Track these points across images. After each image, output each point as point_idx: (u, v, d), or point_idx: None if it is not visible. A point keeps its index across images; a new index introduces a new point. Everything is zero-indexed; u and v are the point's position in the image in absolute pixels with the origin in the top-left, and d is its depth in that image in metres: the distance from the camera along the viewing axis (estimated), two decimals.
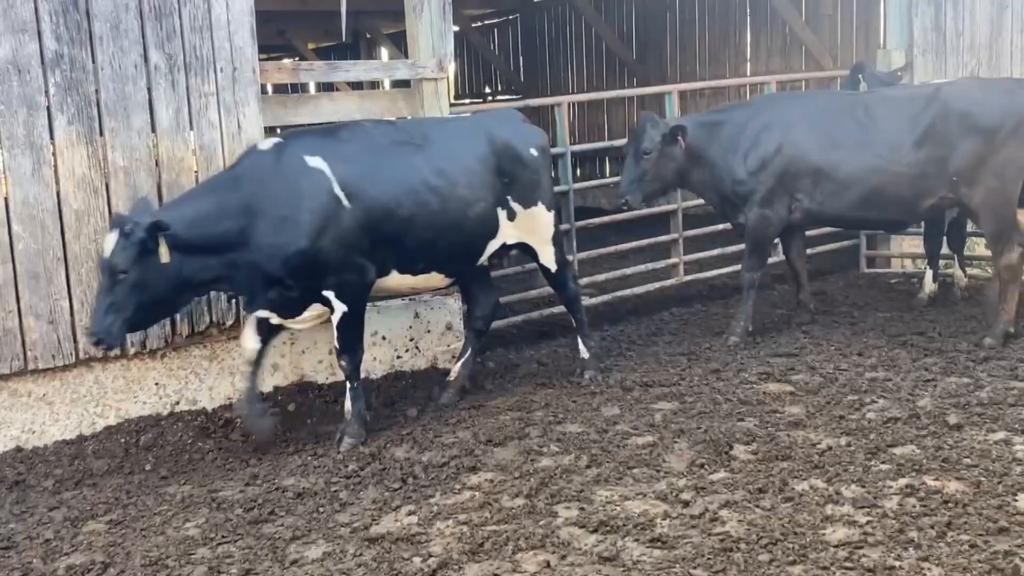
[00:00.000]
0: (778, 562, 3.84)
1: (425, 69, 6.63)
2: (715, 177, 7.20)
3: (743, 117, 7.21)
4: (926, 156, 6.74)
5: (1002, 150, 6.63)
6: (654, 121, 7.14)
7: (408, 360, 6.74)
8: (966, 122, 6.67)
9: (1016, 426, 5.09)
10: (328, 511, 4.66)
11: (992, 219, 6.76)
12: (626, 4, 16.36)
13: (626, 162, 7.25)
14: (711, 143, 7.16)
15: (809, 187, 7.00)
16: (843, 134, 6.93)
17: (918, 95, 6.97)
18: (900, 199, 6.92)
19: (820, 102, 7.36)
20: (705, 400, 5.85)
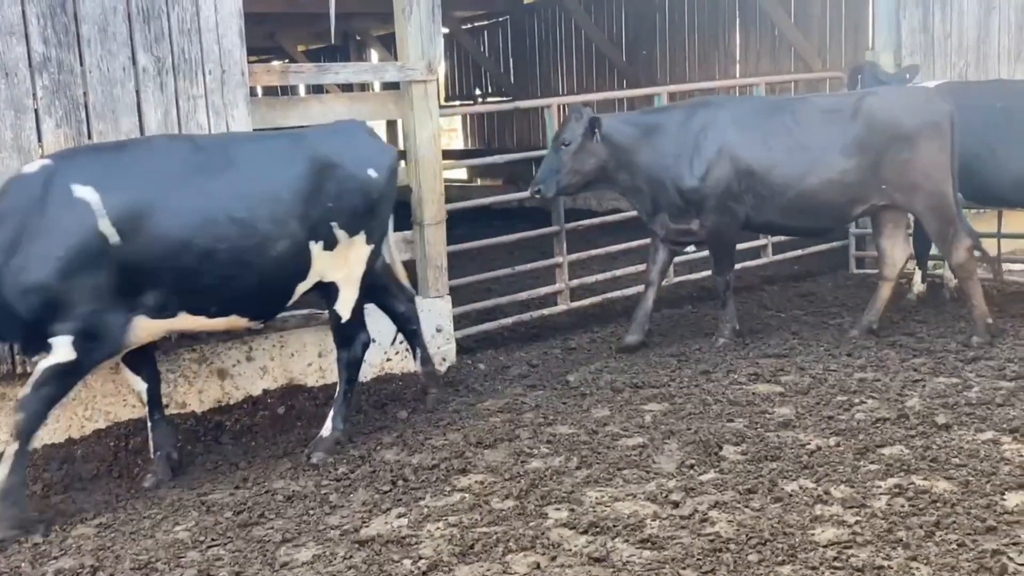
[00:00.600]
0: (767, 562, 3.85)
1: (414, 71, 6.63)
2: (653, 183, 7.06)
3: (676, 121, 7.08)
4: (855, 164, 6.77)
5: (925, 155, 6.77)
6: (579, 113, 7.00)
7: (397, 363, 6.73)
8: (889, 130, 6.76)
9: (1004, 426, 5.11)
10: (318, 514, 4.66)
11: (935, 221, 6.85)
12: (616, 6, 16.41)
13: (548, 152, 7.16)
14: (643, 146, 7.03)
15: (743, 189, 6.94)
16: (775, 139, 6.90)
17: (844, 104, 6.97)
18: (831, 206, 6.94)
19: (750, 107, 7.30)
20: (695, 401, 5.86)
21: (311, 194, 5.26)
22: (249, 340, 6.20)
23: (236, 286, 5.10)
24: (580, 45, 17.43)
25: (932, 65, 9.42)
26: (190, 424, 5.95)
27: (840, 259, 9.65)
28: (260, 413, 6.10)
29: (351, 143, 5.60)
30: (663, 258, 7.41)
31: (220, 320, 5.24)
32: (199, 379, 6.06)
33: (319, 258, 5.36)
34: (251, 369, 6.22)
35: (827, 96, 7.62)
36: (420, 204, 6.79)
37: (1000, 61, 10.07)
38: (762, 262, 9.29)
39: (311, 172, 5.28)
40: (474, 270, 8.15)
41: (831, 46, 12.67)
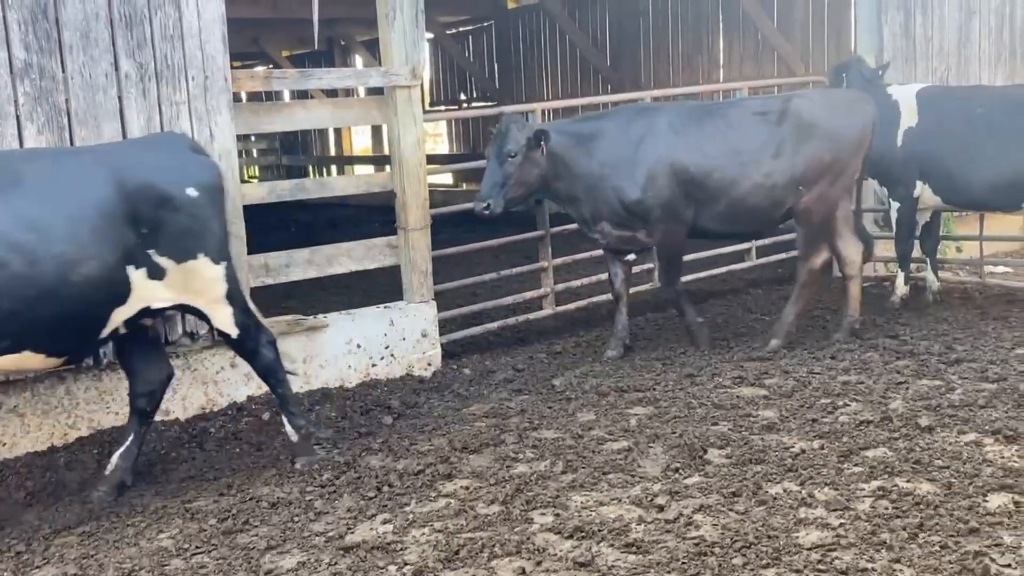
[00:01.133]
0: (752, 565, 3.86)
1: (398, 77, 6.63)
2: (592, 192, 6.91)
3: (613, 129, 6.94)
4: (782, 166, 6.79)
5: (843, 159, 6.86)
6: (519, 123, 6.85)
7: (383, 368, 6.73)
8: (815, 132, 6.82)
9: (986, 427, 5.14)
10: (303, 520, 4.64)
11: (815, 223, 6.94)
12: (600, 11, 16.45)
13: (488, 165, 6.84)
14: (580, 155, 6.87)
15: (683, 195, 6.87)
16: (710, 145, 6.84)
17: (771, 107, 6.96)
18: (761, 210, 6.94)
19: (685, 112, 7.11)
20: (680, 405, 5.87)
21: (121, 214, 4.77)
22: None
23: (30, 317, 4.57)
24: (564, 50, 17.46)
25: (914, 69, 9.48)
26: (174, 431, 5.92)
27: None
28: (245, 419, 6.08)
29: (167, 159, 5.09)
30: (621, 268, 7.30)
31: (8, 358, 4.67)
32: (183, 386, 6.04)
33: (143, 286, 4.89)
34: (235, 375, 6.20)
35: (757, 99, 7.54)
36: (404, 209, 6.80)
37: (981, 65, 10.14)
38: (746, 265, 9.33)
39: (115, 192, 4.76)
40: (459, 275, 8.15)
41: (814, 50, 12.74)
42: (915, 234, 8.06)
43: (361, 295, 9.28)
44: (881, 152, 7.92)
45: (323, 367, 6.49)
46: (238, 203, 6.12)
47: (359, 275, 7.18)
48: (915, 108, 7.80)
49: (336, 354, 6.53)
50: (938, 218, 8.22)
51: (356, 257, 6.71)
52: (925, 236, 8.17)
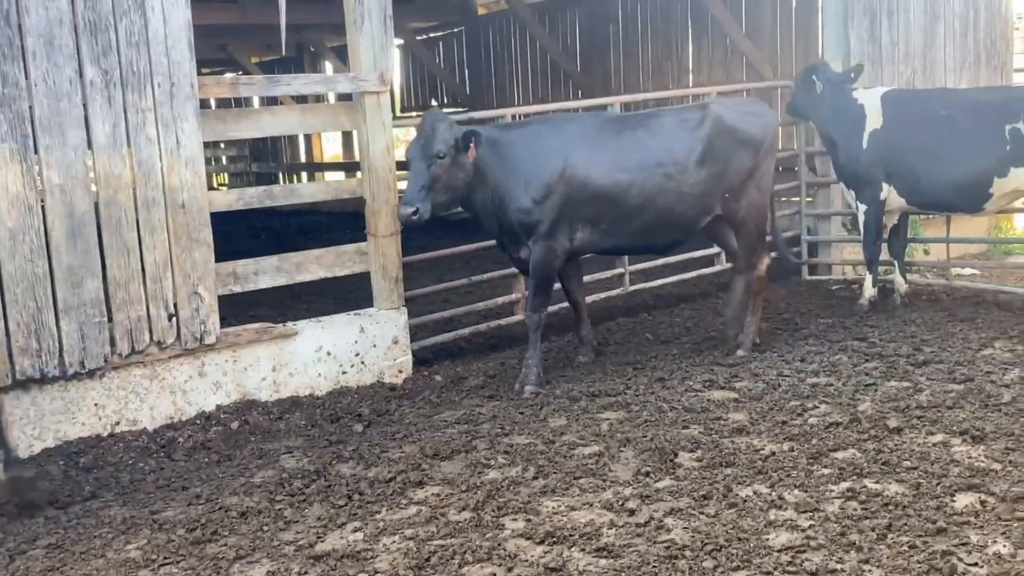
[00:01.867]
0: (722, 568, 3.87)
1: (367, 82, 6.61)
2: (496, 202, 6.49)
3: (523, 138, 6.56)
4: (707, 174, 6.71)
5: (763, 163, 6.90)
6: (446, 121, 6.33)
7: (354, 375, 6.69)
8: (736, 137, 6.80)
9: (954, 428, 5.19)
10: (272, 529, 4.61)
11: (754, 230, 6.97)
12: (570, 17, 16.50)
13: (412, 166, 6.26)
14: (494, 164, 6.44)
15: (593, 213, 6.54)
16: (627, 155, 6.60)
17: (691, 116, 6.85)
18: (686, 220, 6.82)
19: (597, 122, 6.86)
20: (651, 408, 5.88)
21: None
22: (202, 355, 6.13)
23: None
24: (535, 55, 17.49)
25: (880, 73, 9.57)
26: (142, 441, 5.86)
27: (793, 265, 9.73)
28: (214, 428, 6.03)
29: None
30: (573, 274, 7.09)
31: None
32: (150, 395, 5.98)
33: None
34: (204, 384, 6.15)
35: (674, 109, 7.28)
36: (374, 215, 6.77)
37: (946, 69, 10.25)
38: (716, 269, 9.36)
39: None
40: (431, 280, 8.13)
41: (782, 55, 12.83)
42: (883, 237, 8.13)
43: (332, 302, 9.22)
44: (848, 155, 8.01)
45: (293, 375, 6.45)
46: (205, 210, 6.08)
47: (330, 282, 7.13)
48: (880, 111, 7.87)
49: (306, 362, 6.50)
50: (905, 221, 8.29)
51: (326, 264, 6.68)
52: (893, 239, 8.24)
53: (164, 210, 5.95)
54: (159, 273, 5.95)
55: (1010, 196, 7.46)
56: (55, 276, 5.64)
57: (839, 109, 8.11)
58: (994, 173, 7.29)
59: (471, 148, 6.24)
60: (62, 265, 5.65)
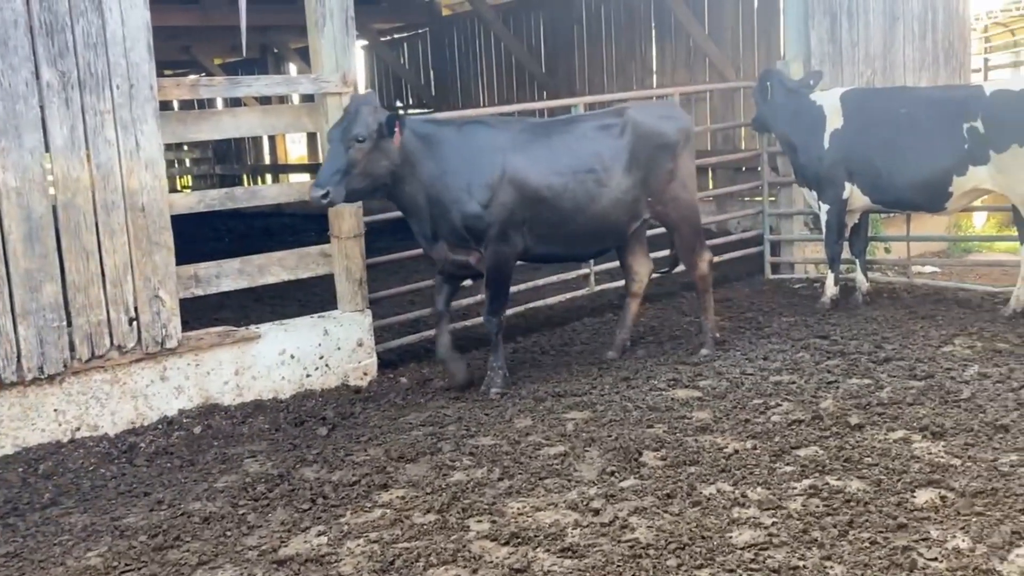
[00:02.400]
0: (686, 567, 3.88)
1: (329, 84, 6.58)
2: (432, 200, 6.30)
3: (458, 137, 6.41)
4: (633, 179, 6.69)
5: (681, 164, 6.93)
6: (372, 105, 6.10)
7: (318, 379, 6.65)
8: (656, 141, 6.79)
9: (914, 424, 5.25)
10: (235, 535, 4.57)
11: (689, 231, 7.01)
12: (534, 18, 16.52)
13: (330, 148, 6.08)
14: (428, 159, 6.27)
15: (530, 217, 6.44)
16: (560, 160, 6.51)
17: (612, 121, 6.79)
18: (617, 225, 6.78)
19: (530, 128, 6.71)
20: (616, 408, 5.90)
21: None
22: (163, 359, 6.07)
23: None
24: (500, 56, 17.49)
25: (840, 74, 9.67)
26: (103, 446, 5.79)
27: (756, 265, 9.83)
28: (176, 433, 5.97)
29: None
30: (447, 290, 6.74)
31: None
32: (112, 400, 5.91)
33: None
34: (166, 389, 6.09)
35: (596, 114, 7.15)
36: (338, 217, 6.73)
37: (905, 70, 10.38)
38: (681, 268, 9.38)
39: None
40: (396, 282, 8.10)
41: (744, 56, 12.91)
42: (845, 236, 8.20)
43: (297, 305, 9.19)
44: (809, 156, 8.08)
45: (256, 379, 6.40)
46: (166, 213, 6.02)
47: (295, 284, 7.10)
48: (840, 111, 7.95)
49: (269, 365, 6.45)
50: (866, 219, 8.38)
51: (288, 266, 6.63)
52: (854, 238, 8.32)
53: (124, 213, 5.88)
54: (119, 277, 5.89)
55: (970, 195, 7.55)
56: (12, 280, 5.56)
57: (797, 112, 8.19)
58: (953, 171, 7.37)
59: (396, 133, 6.04)
60: (19, 269, 5.57)
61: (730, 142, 12.93)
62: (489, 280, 6.50)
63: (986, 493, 4.34)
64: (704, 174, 13.50)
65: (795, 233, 9.76)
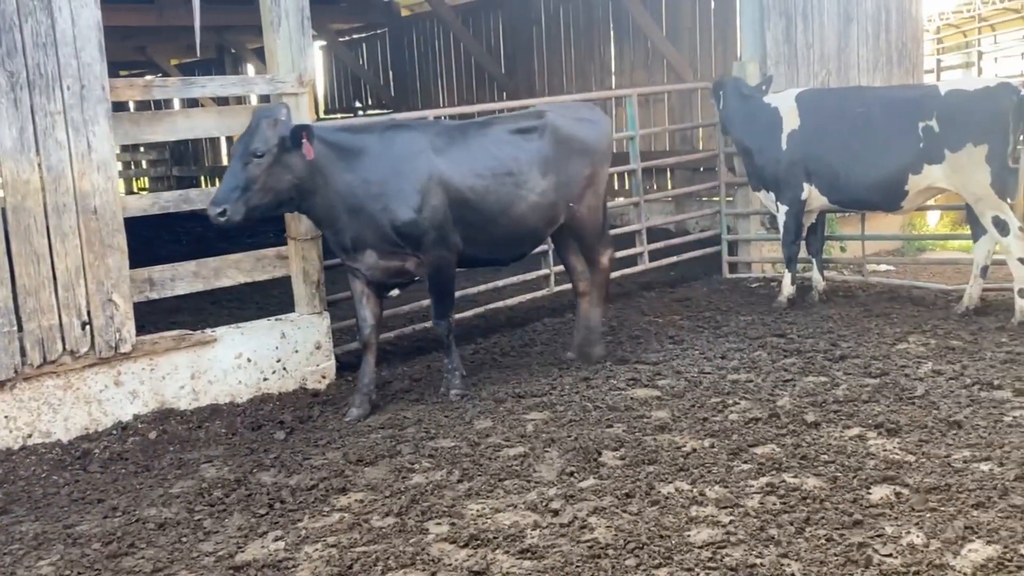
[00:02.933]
0: (644, 566, 3.89)
1: (284, 84, 6.52)
2: (357, 215, 6.03)
3: (377, 144, 6.16)
4: (552, 183, 6.58)
5: (600, 169, 6.91)
6: (273, 119, 5.84)
7: (275, 382, 6.59)
8: (573, 146, 6.71)
9: (869, 421, 5.31)
10: (191, 541, 4.51)
11: (592, 232, 6.96)
12: (494, 19, 16.51)
13: (231, 164, 5.89)
14: (342, 169, 6.01)
15: (455, 221, 6.27)
16: (481, 163, 6.35)
17: (531, 124, 6.67)
18: (536, 230, 6.68)
19: (444, 129, 6.57)
20: (575, 408, 5.91)
21: None
22: (117, 364, 5.98)
23: None
24: (459, 57, 17.47)
25: (796, 74, 9.76)
26: (55, 453, 5.70)
27: (714, 264, 9.89)
28: (131, 439, 5.89)
29: None
30: (374, 310, 6.37)
31: None
32: (64, 406, 5.82)
33: None
34: (120, 394, 6.00)
35: (515, 116, 6.97)
36: (294, 219, 6.67)
37: (860, 71, 10.50)
38: (640, 269, 9.45)
39: None
40: None
41: (702, 57, 12.99)
42: (801, 236, 8.28)
43: (255, 307, 9.11)
44: (766, 158, 8.15)
45: (212, 383, 6.32)
46: (119, 216, 5.93)
47: (253, 287, 7.03)
48: (796, 111, 8.02)
49: (226, 369, 6.38)
50: (823, 219, 8.46)
51: (245, 269, 6.56)
52: (811, 237, 8.40)
53: (76, 216, 5.79)
54: (71, 281, 5.79)
55: (925, 194, 7.63)
56: None
57: (751, 116, 8.27)
58: (909, 170, 7.45)
59: (304, 144, 5.77)
60: None
61: (688, 142, 13.00)
62: (433, 284, 6.35)
63: (940, 489, 4.40)
64: (663, 174, 13.61)
65: (752, 233, 9.84)
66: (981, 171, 7.11)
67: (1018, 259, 7.13)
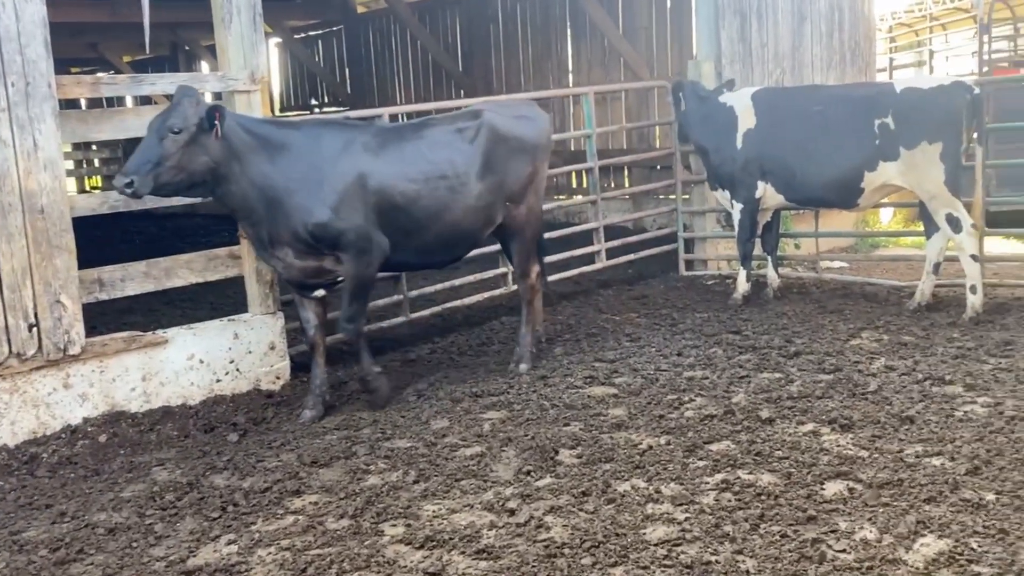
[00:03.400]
0: (600, 564, 3.88)
1: (236, 81, 6.43)
2: (274, 210, 5.88)
3: (303, 141, 6.01)
4: (489, 185, 6.47)
5: (540, 168, 6.85)
6: (195, 98, 5.71)
7: (228, 383, 6.50)
8: (512, 145, 6.61)
9: (823, 417, 5.35)
10: (142, 546, 4.43)
11: (531, 236, 6.88)
12: (450, 16, 16.46)
13: (145, 137, 5.66)
14: (263, 160, 5.86)
15: (382, 225, 6.11)
16: (413, 166, 6.22)
17: (466, 124, 6.55)
18: (471, 233, 6.57)
19: (377, 130, 6.39)
20: (533, 407, 5.89)
21: None
22: (66, 366, 5.87)
23: None
24: (416, 55, 17.39)
25: (751, 73, 9.82)
26: (1, 458, 5.57)
27: (671, 262, 9.93)
28: (80, 443, 5.77)
29: None
30: (316, 310, 6.29)
31: None
32: (11, 410, 5.69)
33: None
34: (69, 397, 5.88)
35: (451, 116, 6.79)
36: None
37: (814, 69, 10.60)
38: (597, 267, 9.46)
39: None
40: None
41: (658, 56, 13.04)
42: (757, 233, 8.33)
43: (208, 308, 9.00)
44: (723, 157, 8.19)
45: (164, 384, 6.22)
46: (67, 215, 5.81)
47: (207, 286, 6.93)
48: (752, 110, 8.07)
49: (177, 371, 6.27)
50: (778, 217, 8.52)
51: (196, 269, 6.46)
52: (766, 235, 8.46)
53: (22, 215, 5.66)
54: (17, 282, 5.66)
55: (880, 191, 7.71)
56: None
57: (707, 116, 8.32)
58: (864, 167, 7.52)
59: (216, 125, 5.61)
60: None
61: (645, 141, 13.05)
62: (349, 284, 6.12)
63: (892, 484, 4.44)
64: (620, 173, 13.64)
65: (708, 230, 9.89)
66: (935, 169, 7.20)
67: (970, 256, 7.23)
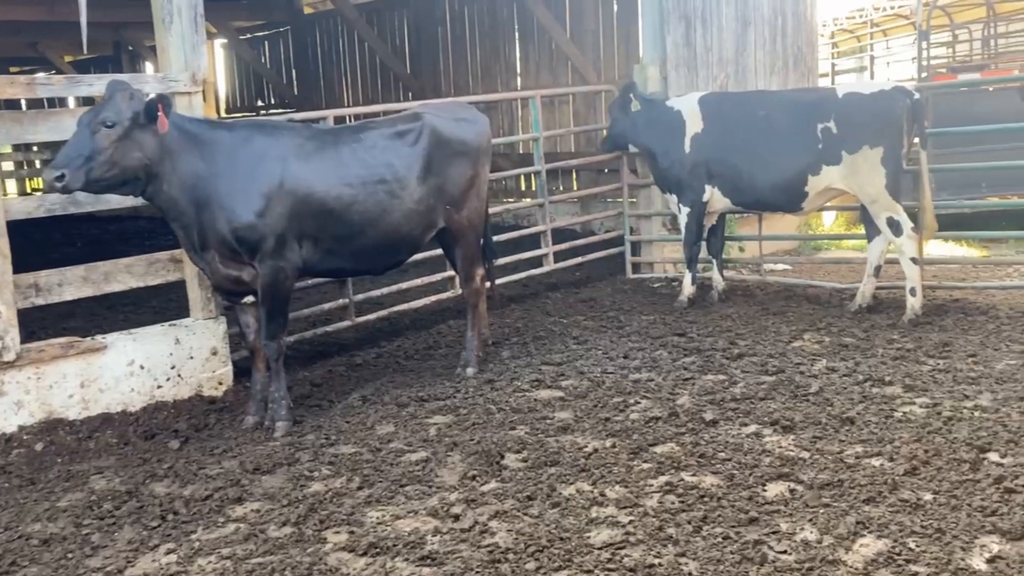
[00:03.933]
0: (545, 569, 3.88)
1: (177, 83, 6.33)
2: (198, 205, 5.70)
3: (232, 140, 5.85)
4: (429, 188, 6.40)
5: (481, 171, 6.83)
6: (129, 92, 5.51)
7: (169, 389, 6.39)
8: (453, 148, 6.55)
9: (765, 419, 5.40)
10: (78, 556, 4.34)
11: (474, 240, 6.83)
12: (398, 18, 16.40)
13: (76, 131, 5.47)
14: (194, 159, 5.69)
15: (314, 231, 5.97)
16: (348, 170, 6.08)
17: (407, 127, 6.45)
18: (411, 238, 6.47)
19: (315, 135, 6.19)
20: (479, 411, 5.88)
21: None
22: (1, 374, 5.73)
23: None
24: (364, 56, 17.30)
25: (696, 78, 9.90)
26: None
27: (618, 265, 9.98)
28: (15, 451, 5.64)
29: None
30: (255, 313, 6.13)
31: None
32: None
33: None
34: (4, 405, 5.74)
35: (390, 119, 6.65)
36: None
37: (757, 74, 10.71)
38: (546, 270, 9.48)
39: None
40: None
41: (605, 59, 13.10)
42: (702, 237, 8.40)
43: (151, 312, 8.87)
44: (670, 161, 8.25)
45: (103, 391, 6.09)
46: (1, 219, 5.68)
47: (149, 291, 6.82)
48: (699, 115, 8.14)
49: (117, 377, 6.15)
50: (723, 220, 8.60)
51: (137, 273, 6.35)
52: (711, 238, 8.54)
53: None
54: None
55: (824, 195, 7.80)
56: None
57: (654, 120, 8.37)
58: (808, 171, 7.61)
59: (161, 117, 5.43)
60: None
61: (592, 144, 13.08)
62: (264, 298, 5.88)
63: (833, 485, 4.50)
64: (568, 176, 13.68)
65: (654, 234, 9.95)
66: (877, 173, 7.32)
67: (910, 259, 7.35)
